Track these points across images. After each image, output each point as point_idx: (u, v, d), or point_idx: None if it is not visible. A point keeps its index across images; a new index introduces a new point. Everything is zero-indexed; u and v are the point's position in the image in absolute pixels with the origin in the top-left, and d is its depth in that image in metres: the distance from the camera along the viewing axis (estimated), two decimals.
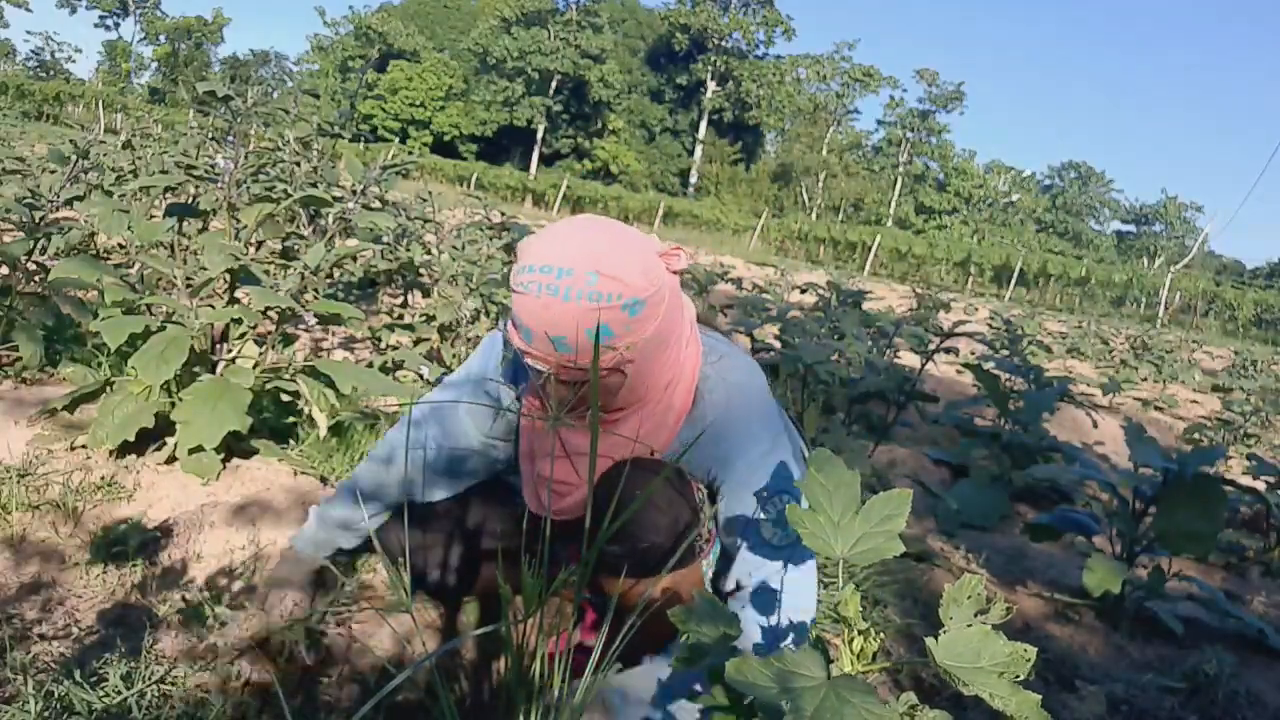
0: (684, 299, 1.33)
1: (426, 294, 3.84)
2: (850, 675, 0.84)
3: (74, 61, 66.10)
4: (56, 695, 1.26)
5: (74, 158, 2.87)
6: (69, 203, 2.71)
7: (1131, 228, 59.32)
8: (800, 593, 1.31)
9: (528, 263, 1.16)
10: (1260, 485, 3.56)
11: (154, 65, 55.44)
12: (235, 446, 2.09)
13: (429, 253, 3.79)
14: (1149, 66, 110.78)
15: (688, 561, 1.35)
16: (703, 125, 50.87)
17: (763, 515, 1.30)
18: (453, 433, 1.53)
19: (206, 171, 2.45)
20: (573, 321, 1.13)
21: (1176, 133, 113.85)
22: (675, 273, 1.24)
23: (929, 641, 0.81)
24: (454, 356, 3.09)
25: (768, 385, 1.41)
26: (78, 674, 1.30)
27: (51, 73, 52.83)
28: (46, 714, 1.23)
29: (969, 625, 0.82)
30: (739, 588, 1.32)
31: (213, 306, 2.15)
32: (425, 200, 5.08)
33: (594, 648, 1.34)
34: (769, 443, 1.33)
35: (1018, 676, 0.78)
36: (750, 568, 1.31)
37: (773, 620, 1.29)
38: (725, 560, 1.41)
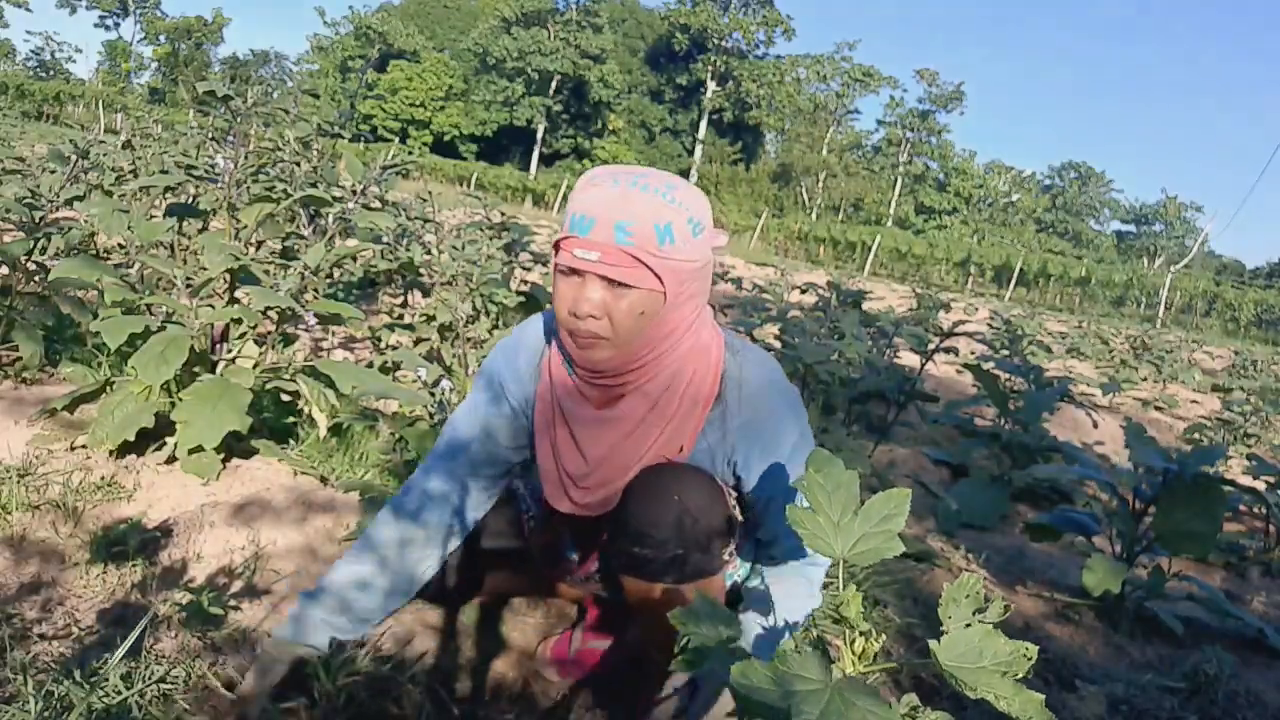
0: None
1: (426, 294, 3.84)
2: (854, 677, 0.84)
3: (74, 61, 66.23)
4: (56, 695, 1.26)
5: (74, 158, 2.87)
6: (69, 203, 2.71)
7: (1131, 228, 59.33)
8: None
9: (605, 171, 1.22)
10: (1260, 485, 3.56)
11: (154, 65, 55.45)
12: (235, 446, 2.10)
13: (429, 253, 3.79)
14: (1149, 66, 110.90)
15: (715, 570, 1.34)
16: (703, 125, 50.86)
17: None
18: (487, 452, 1.43)
19: (206, 171, 2.45)
20: (644, 215, 1.16)
21: (1176, 133, 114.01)
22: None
23: (932, 644, 0.81)
24: (454, 356, 3.09)
25: (786, 377, 1.40)
26: (78, 674, 1.30)
27: (51, 73, 52.84)
28: (46, 714, 1.23)
29: (968, 625, 0.82)
30: (772, 560, 1.40)
31: (213, 306, 2.15)
32: (425, 200, 5.08)
33: (602, 649, 1.34)
34: (797, 436, 1.34)
35: (1019, 675, 0.78)
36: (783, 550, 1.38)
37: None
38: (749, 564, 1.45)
